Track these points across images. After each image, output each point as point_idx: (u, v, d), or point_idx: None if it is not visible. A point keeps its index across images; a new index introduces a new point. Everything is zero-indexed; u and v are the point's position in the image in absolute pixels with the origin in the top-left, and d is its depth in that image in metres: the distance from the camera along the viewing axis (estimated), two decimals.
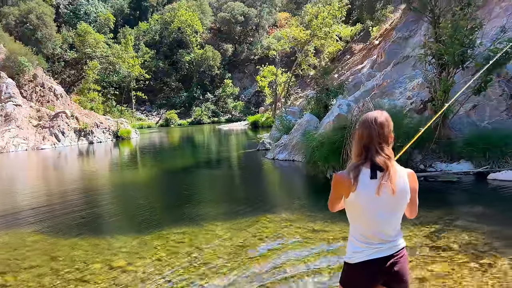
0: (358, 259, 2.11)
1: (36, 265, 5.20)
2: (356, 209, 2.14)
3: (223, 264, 4.82)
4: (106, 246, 5.84)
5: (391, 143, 2.13)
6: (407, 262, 2.15)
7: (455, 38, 7.73)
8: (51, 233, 6.72)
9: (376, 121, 2.09)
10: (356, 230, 2.17)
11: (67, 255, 5.56)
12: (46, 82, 34.69)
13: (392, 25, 31.69)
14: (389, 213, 2.09)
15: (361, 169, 2.08)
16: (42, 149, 24.87)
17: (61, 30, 56.17)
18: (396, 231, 2.14)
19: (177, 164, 16.38)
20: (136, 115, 55.47)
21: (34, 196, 10.37)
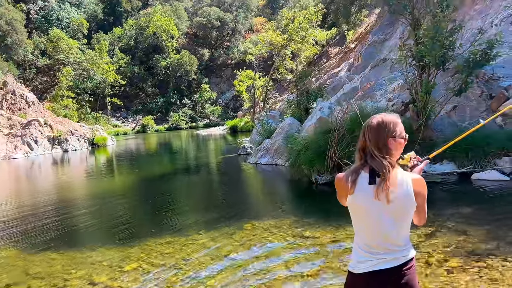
0: (362, 270, 1.98)
1: (11, 283, 4.86)
2: (356, 215, 2.03)
3: (211, 275, 4.61)
4: (85, 260, 5.53)
5: (395, 147, 1.98)
6: (415, 274, 2.01)
7: (437, 39, 7.78)
8: (25, 248, 6.34)
9: (371, 124, 1.99)
10: (360, 239, 2.05)
11: (45, 271, 5.23)
12: (17, 90, 33.55)
13: (367, 28, 32.20)
14: (392, 221, 1.95)
15: (360, 172, 1.98)
16: (14, 158, 23.95)
17: (32, 36, 54.72)
18: (403, 240, 1.99)
19: (156, 171, 15.99)
20: (111, 122, 54.37)
21: (5, 208, 9.86)
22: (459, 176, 8.41)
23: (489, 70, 9.57)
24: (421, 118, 9.13)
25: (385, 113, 2.10)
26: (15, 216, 8.74)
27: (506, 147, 8.19)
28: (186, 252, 5.50)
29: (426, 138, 9.22)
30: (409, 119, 9.82)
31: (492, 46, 8.02)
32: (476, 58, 8.13)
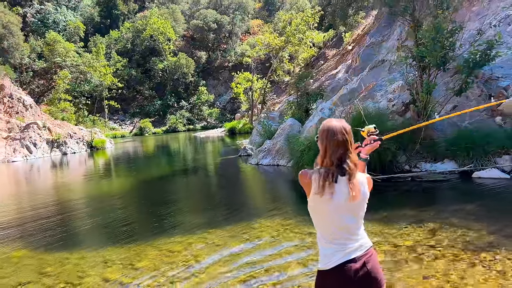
0: (332, 264, 2.11)
1: (27, 282, 4.94)
2: (319, 212, 2.17)
3: (222, 272, 4.71)
4: (97, 259, 5.61)
5: (354, 150, 2.21)
6: (377, 260, 2.19)
7: (437, 40, 7.94)
8: (36, 248, 6.41)
9: (345, 128, 2.16)
10: (323, 235, 2.19)
11: (58, 270, 5.31)
12: (14, 93, 33.51)
13: (364, 30, 32.41)
14: (354, 216, 2.16)
15: (324, 172, 2.12)
16: (13, 161, 23.92)
17: (28, 39, 54.58)
18: (361, 231, 2.21)
19: (159, 173, 16.07)
20: (109, 125, 54.28)
21: (12, 210, 9.92)
22: (460, 174, 8.55)
23: (488, 70, 9.74)
24: (421, 118, 9.27)
25: (337, 119, 2.32)
26: (22, 218, 8.80)
27: (506, 145, 8.35)
28: (196, 250, 5.59)
29: (427, 138, 9.37)
30: (410, 119, 9.97)
31: (492, 47, 8.18)
32: (476, 59, 8.30)
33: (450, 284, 3.80)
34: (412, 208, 6.58)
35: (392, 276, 4.05)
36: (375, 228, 5.64)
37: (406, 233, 5.34)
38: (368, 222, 5.92)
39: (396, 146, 9.12)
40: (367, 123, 8.31)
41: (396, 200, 7.41)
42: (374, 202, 7.59)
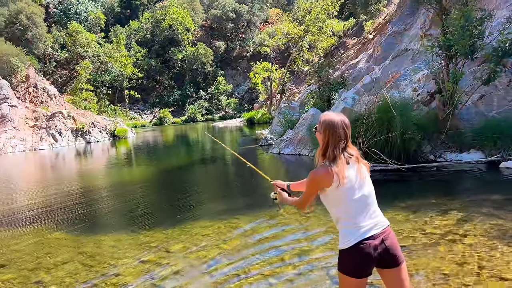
0: (353, 242, 2.22)
1: (66, 261, 5.20)
2: (341, 198, 2.28)
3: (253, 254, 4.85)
4: (131, 241, 5.84)
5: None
6: (395, 238, 2.32)
7: (466, 28, 7.84)
8: (70, 231, 6.70)
9: (345, 122, 2.32)
10: (345, 218, 2.30)
11: (94, 251, 5.56)
12: (39, 83, 34.35)
13: (386, 19, 31.86)
14: (365, 194, 2.30)
15: (338, 161, 2.26)
16: (40, 149, 24.64)
17: (51, 30, 55.58)
18: (377, 210, 2.34)
19: (180, 162, 16.37)
20: (129, 114, 55.13)
21: (43, 196, 10.33)
22: (487, 165, 8.49)
23: None
24: (447, 108, 9.20)
25: (336, 112, 2.48)
26: (53, 202, 9.17)
27: None
28: (225, 234, 5.77)
29: (453, 128, 9.30)
30: (435, 109, 9.91)
31: None
32: (505, 47, 8.17)
33: (481, 270, 3.86)
34: (438, 197, 6.60)
35: (421, 261, 4.13)
36: (401, 216, 5.70)
37: (433, 221, 5.38)
38: (394, 209, 6.01)
39: (421, 136, 9.09)
40: (394, 112, 8.34)
41: (421, 189, 7.43)
42: (400, 190, 7.63)
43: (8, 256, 5.60)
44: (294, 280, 4.06)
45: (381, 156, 8.30)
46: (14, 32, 46.17)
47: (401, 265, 2.25)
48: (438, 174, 8.35)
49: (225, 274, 4.37)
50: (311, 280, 4.02)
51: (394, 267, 2.25)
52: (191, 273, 4.50)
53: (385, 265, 2.25)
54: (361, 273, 2.22)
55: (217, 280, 4.25)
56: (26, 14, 47.74)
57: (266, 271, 4.33)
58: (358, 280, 2.22)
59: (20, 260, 5.39)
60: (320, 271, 4.21)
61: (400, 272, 2.26)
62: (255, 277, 4.22)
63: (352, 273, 2.22)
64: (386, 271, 2.28)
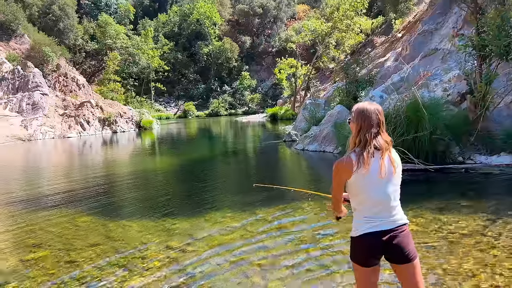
0: (361, 232, 2.30)
1: (96, 243, 5.38)
2: (356, 186, 2.32)
3: (277, 246, 4.91)
4: (157, 227, 5.98)
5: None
6: (408, 237, 2.31)
7: (502, 29, 7.64)
8: (98, 215, 6.91)
9: (378, 109, 2.33)
10: (362, 208, 2.35)
11: (123, 235, 5.74)
12: (69, 72, 35.29)
13: (416, 17, 31.21)
14: (390, 190, 2.30)
15: (359, 151, 2.28)
16: (69, 137, 25.36)
17: (82, 21, 56.79)
18: (396, 207, 2.34)
19: (210, 153, 16.58)
20: (154, 106, 55.95)
21: (72, 181, 10.66)
22: None
23: None
24: (479, 109, 9.00)
25: (369, 101, 2.52)
26: (81, 187, 9.46)
27: None
28: (249, 225, 5.84)
29: (483, 130, 9.10)
30: (465, 110, 9.70)
31: None
32: None
33: (509, 271, 3.80)
34: (466, 199, 6.49)
35: (448, 261, 4.09)
36: (428, 215, 5.64)
37: (462, 221, 5.31)
38: (420, 209, 5.95)
39: (450, 137, 8.93)
40: (424, 111, 8.21)
41: (449, 190, 7.31)
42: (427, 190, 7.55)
43: (40, 237, 5.83)
44: (315, 271, 4.09)
45: (409, 155, 8.20)
46: (47, 22, 47.44)
47: (412, 262, 2.29)
48: (467, 176, 8.19)
49: (250, 263, 4.44)
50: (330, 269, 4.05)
51: (404, 263, 2.29)
52: (216, 260, 4.59)
53: (394, 260, 2.32)
54: (365, 262, 2.31)
55: (240, 268, 4.32)
56: (59, 5, 48.94)
57: (290, 262, 4.38)
58: (362, 268, 2.32)
59: (52, 241, 5.61)
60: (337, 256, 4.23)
61: (410, 268, 2.30)
62: (278, 267, 4.28)
63: (356, 260, 2.35)
64: (396, 266, 2.35)
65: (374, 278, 2.36)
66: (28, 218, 6.87)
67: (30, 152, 19.77)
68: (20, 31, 36.42)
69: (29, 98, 26.07)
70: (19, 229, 6.23)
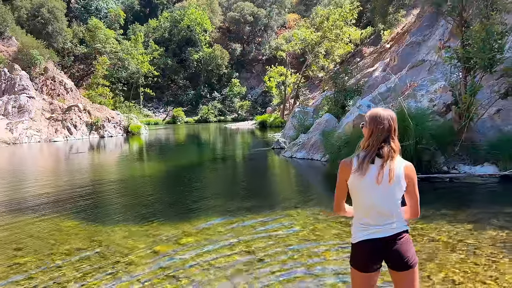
0: (358, 239, 2.34)
1: (80, 248, 5.32)
2: (354, 190, 2.35)
3: (263, 251, 4.92)
4: (143, 233, 5.95)
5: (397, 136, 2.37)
6: (407, 244, 2.31)
7: (487, 42, 7.83)
8: (83, 220, 6.84)
9: (391, 116, 2.33)
10: (358, 214, 2.39)
11: (107, 239, 5.69)
12: (57, 76, 34.93)
13: (404, 29, 31.78)
14: (386, 198, 2.28)
15: (362, 154, 2.31)
16: (55, 141, 25.05)
17: (71, 25, 56.42)
18: (394, 216, 2.32)
19: (198, 160, 16.53)
20: (143, 111, 55.68)
21: (57, 186, 10.54)
22: (500, 178, 8.43)
23: None
24: (463, 120, 9.17)
25: (382, 108, 2.48)
26: (67, 192, 9.35)
27: None
28: (236, 231, 5.84)
29: (468, 140, 9.27)
30: (451, 121, 9.88)
31: None
32: None
33: (491, 279, 3.87)
34: (451, 207, 6.60)
35: (429, 269, 4.15)
36: (411, 223, 5.71)
37: (444, 230, 5.40)
38: None
39: (435, 147, 9.07)
40: (410, 121, 8.34)
41: (434, 199, 7.41)
42: None
43: (23, 241, 5.75)
44: (304, 279, 4.12)
45: None
46: (35, 25, 47.02)
47: (410, 270, 2.29)
48: (451, 185, 8.33)
49: (236, 269, 4.45)
50: (319, 277, 4.07)
51: (401, 270, 2.30)
52: (201, 265, 4.58)
53: (392, 267, 2.33)
54: (363, 268, 2.32)
55: (227, 274, 4.32)
56: (48, 8, 48.59)
57: (277, 268, 4.40)
58: (361, 273, 2.33)
59: (35, 245, 5.54)
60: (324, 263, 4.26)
61: (407, 276, 2.30)
62: (265, 273, 4.29)
63: (355, 266, 2.36)
64: (394, 273, 2.35)
65: (372, 283, 2.37)
66: (11, 223, 6.77)
67: (15, 156, 19.49)
68: (7, 33, 36.03)
69: (15, 101, 25.74)
70: (1, 234, 6.14)
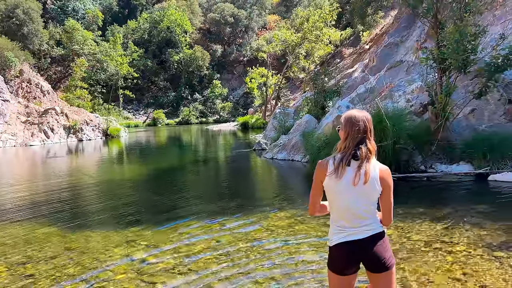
0: (335, 242, 2.33)
1: (55, 256, 5.19)
2: (330, 193, 2.35)
3: (243, 256, 4.89)
4: (121, 238, 5.83)
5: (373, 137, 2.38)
6: (384, 246, 2.31)
7: (461, 43, 7.99)
8: (59, 226, 6.68)
9: (366, 117, 2.34)
10: (334, 216, 2.40)
11: (84, 246, 5.56)
12: (33, 78, 34.15)
13: (382, 30, 32.23)
14: (361, 199, 2.29)
15: (339, 157, 2.31)
16: (31, 145, 24.46)
17: (48, 26, 55.29)
18: (370, 217, 2.33)
19: (179, 162, 16.38)
20: (123, 114, 54.94)
21: (32, 192, 10.27)
22: (475, 177, 8.62)
23: (508, 74, 9.75)
24: (439, 120, 9.34)
25: (357, 109, 2.51)
26: (42, 198, 9.12)
27: None
28: (216, 235, 5.79)
29: (444, 140, 9.44)
30: (427, 120, 10.05)
31: None
32: (498, 63, 8.34)
33: (466, 276, 3.94)
34: (427, 206, 6.70)
35: (406, 267, 4.20)
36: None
37: (421, 228, 5.48)
38: None
39: (413, 146, 9.22)
40: (387, 122, 8.44)
41: (411, 198, 7.53)
42: None
43: None
44: (280, 280, 4.10)
45: None
46: (10, 26, 45.90)
47: (387, 271, 2.29)
48: (428, 184, 8.47)
49: (213, 272, 4.40)
50: (297, 279, 4.06)
51: (378, 272, 2.30)
52: (180, 270, 4.52)
53: (369, 269, 2.33)
54: (340, 271, 2.31)
55: (207, 280, 4.27)
56: (23, 9, 47.50)
57: (253, 269, 4.38)
58: (338, 276, 2.32)
59: (8, 253, 5.36)
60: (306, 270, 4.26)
61: (384, 277, 2.30)
62: (242, 275, 4.26)
63: (332, 269, 2.35)
64: (371, 275, 2.35)
65: (350, 286, 2.37)
66: None
67: None
68: None
69: None
70: None
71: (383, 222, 2.42)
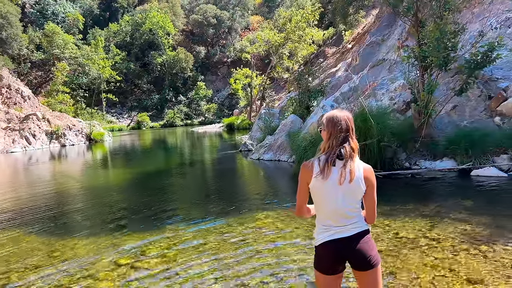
0: (321, 241, 2.35)
1: (40, 265, 5.08)
2: (316, 194, 2.36)
3: (230, 257, 4.87)
4: (107, 245, 5.75)
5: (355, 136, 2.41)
6: (370, 244, 2.35)
7: (441, 41, 8.12)
8: (43, 234, 6.55)
9: (348, 116, 2.38)
10: (320, 216, 2.41)
11: (69, 254, 5.45)
12: (12, 84, 33.47)
13: (364, 29, 32.58)
14: (347, 198, 2.31)
15: (323, 158, 2.32)
16: (12, 152, 23.94)
17: (27, 30, 54.24)
18: (355, 216, 2.36)
19: (164, 165, 16.22)
20: (106, 118, 54.25)
21: (14, 199, 10.04)
22: (459, 172, 8.77)
23: (488, 71, 9.94)
24: (422, 117, 9.47)
25: (339, 109, 2.56)
26: (25, 205, 8.92)
27: (504, 145, 8.56)
28: (203, 239, 5.74)
29: (427, 136, 9.57)
30: (411, 118, 10.17)
31: (493, 49, 8.38)
32: (477, 60, 8.49)
33: (452, 272, 3.99)
34: (412, 203, 6.78)
35: (393, 264, 4.23)
36: (376, 220, 5.82)
37: (407, 225, 5.53)
38: None
39: (397, 144, 9.32)
40: (371, 120, 8.52)
41: (396, 195, 7.61)
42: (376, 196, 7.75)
43: None
44: (268, 280, 4.09)
45: None
46: None
47: (373, 269, 2.31)
48: (413, 181, 8.57)
49: (202, 276, 4.37)
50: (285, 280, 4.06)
51: (364, 270, 2.31)
52: (167, 276, 4.47)
53: (355, 267, 2.34)
54: (326, 270, 2.33)
55: (194, 282, 4.23)
56: (1, 13, 46.42)
57: (242, 272, 4.35)
58: (324, 275, 2.34)
59: None
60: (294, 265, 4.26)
61: (370, 275, 2.32)
62: (232, 279, 4.23)
63: (319, 268, 2.37)
64: (357, 273, 2.36)
65: (336, 286, 2.38)
66: None
67: None
68: None
69: None
70: None
71: (367, 220, 2.44)
